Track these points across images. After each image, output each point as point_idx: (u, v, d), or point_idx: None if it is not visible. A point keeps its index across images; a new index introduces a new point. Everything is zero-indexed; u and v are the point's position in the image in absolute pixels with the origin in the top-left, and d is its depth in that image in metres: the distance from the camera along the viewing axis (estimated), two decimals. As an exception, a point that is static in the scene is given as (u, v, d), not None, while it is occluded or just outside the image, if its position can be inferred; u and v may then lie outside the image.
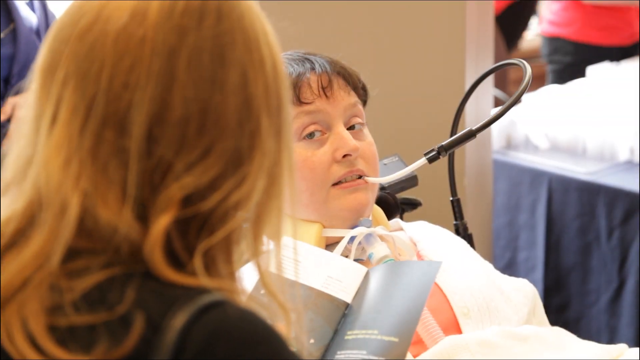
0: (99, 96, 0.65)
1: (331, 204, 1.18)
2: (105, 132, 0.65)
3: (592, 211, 2.20)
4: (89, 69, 0.66)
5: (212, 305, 0.64)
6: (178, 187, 0.65)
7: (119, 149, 0.65)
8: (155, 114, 0.65)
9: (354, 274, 1.05)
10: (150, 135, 0.65)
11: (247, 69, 0.68)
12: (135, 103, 0.65)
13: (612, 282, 2.17)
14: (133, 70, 0.65)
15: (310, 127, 1.18)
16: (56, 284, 0.65)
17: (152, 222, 0.65)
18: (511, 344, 1.09)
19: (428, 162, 1.22)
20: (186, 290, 0.65)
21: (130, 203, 0.65)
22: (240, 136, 0.67)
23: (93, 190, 0.65)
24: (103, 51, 0.66)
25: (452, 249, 1.27)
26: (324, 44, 1.94)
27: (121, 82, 0.65)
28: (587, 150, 2.36)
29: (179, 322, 0.63)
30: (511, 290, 1.24)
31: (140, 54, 0.65)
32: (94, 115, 0.65)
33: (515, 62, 1.28)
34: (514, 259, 2.34)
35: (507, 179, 2.36)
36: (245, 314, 0.65)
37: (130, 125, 0.65)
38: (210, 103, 0.66)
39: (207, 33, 0.66)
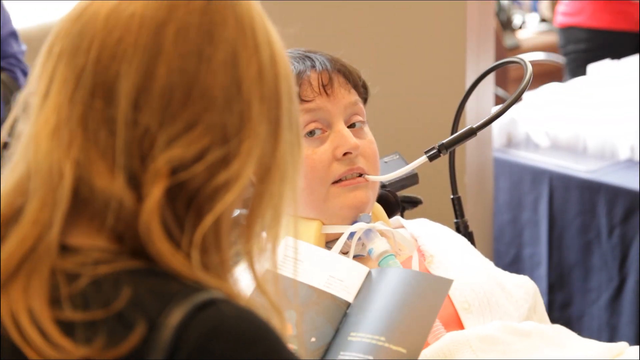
0: (87, 67, 0.67)
1: (331, 202, 1.18)
2: (94, 101, 0.67)
3: (592, 209, 2.20)
4: (79, 45, 0.68)
5: (209, 303, 0.64)
6: (165, 159, 0.66)
7: (107, 118, 0.67)
8: (140, 83, 0.67)
9: (355, 273, 1.05)
10: (136, 104, 0.67)
11: (239, 50, 0.69)
12: (123, 73, 0.67)
13: (613, 280, 2.17)
14: (121, 43, 0.67)
15: (311, 125, 1.18)
16: (54, 277, 0.66)
17: (145, 193, 0.66)
18: (513, 339, 1.09)
19: (429, 160, 1.22)
20: (182, 286, 0.65)
21: (121, 172, 0.67)
22: (228, 114, 0.68)
23: (84, 158, 0.67)
24: (94, 27, 0.68)
25: (453, 245, 1.27)
26: (324, 43, 1.95)
27: (109, 54, 0.67)
28: (588, 148, 2.36)
29: (175, 319, 0.63)
30: (512, 287, 1.24)
31: (129, 28, 0.67)
32: (82, 86, 0.67)
33: (516, 60, 1.28)
34: (519, 255, 2.34)
35: (508, 177, 2.36)
36: (242, 312, 0.65)
37: (118, 95, 0.67)
38: (196, 76, 0.67)
39: (195, 9, 0.68)
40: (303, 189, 1.17)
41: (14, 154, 0.70)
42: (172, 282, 0.66)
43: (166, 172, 0.66)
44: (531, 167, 2.32)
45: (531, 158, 2.35)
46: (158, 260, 0.67)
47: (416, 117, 1.98)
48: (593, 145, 2.35)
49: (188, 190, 0.67)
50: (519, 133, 2.44)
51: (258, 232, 0.71)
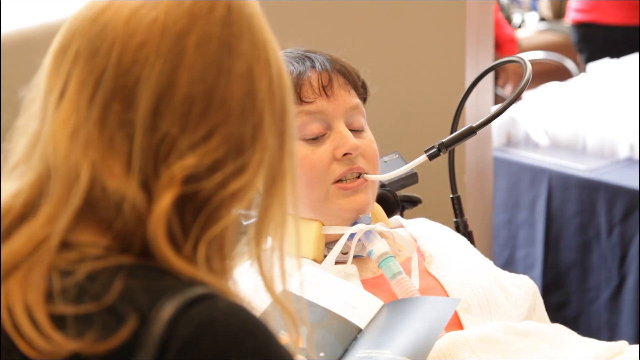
0: (108, 70, 0.68)
1: (331, 204, 1.18)
2: (112, 104, 0.68)
3: (592, 208, 2.20)
4: (99, 47, 0.69)
5: (201, 298, 0.65)
6: (180, 166, 0.67)
7: (125, 121, 0.68)
8: (161, 90, 0.67)
9: (369, 303, 1.07)
10: (156, 110, 0.67)
11: (253, 64, 0.70)
12: (143, 78, 0.67)
13: (612, 279, 2.17)
14: (142, 48, 0.68)
15: (311, 126, 1.18)
16: (50, 272, 0.67)
17: (156, 198, 0.67)
18: (513, 339, 1.09)
19: (428, 159, 1.22)
20: (175, 281, 0.66)
21: (136, 175, 0.67)
22: (243, 125, 0.70)
23: (100, 160, 0.67)
24: (114, 30, 0.69)
25: (453, 245, 1.27)
26: (324, 42, 1.94)
27: (130, 58, 0.68)
28: (587, 147, 2.36)
29: (166, 314, 0.63)
30: (512, 287, 1.24)
31: (151, 34, 0.68)
32: (102, 88, 0.68)
33: (516, 59, 1.27)
34: (512, 257, 2.34)
35: (507, 176, 2.36)
36: (233, 308, 0.66)
37: (137, 99, 0.67)
38: (216, 87, 0.69)
39: (216, 21, 0.69)
40: (303, 189, 1.18)
41: (26, 150, 0.71)
42: (166, 278, 0.67)
43: (180, 180, 0.67)
44: (530, 166, 2.32)
45: (531, 157, 2.35)
46: (160, 261, 0.67)
47: (416, 117, 1.98)
48: (592, 144, 2.35)
49: (198, 198, 0.68)
50: (519, 132, 2.44)
51: (266, 239, 0.72)
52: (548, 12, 4.65)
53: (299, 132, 1.18)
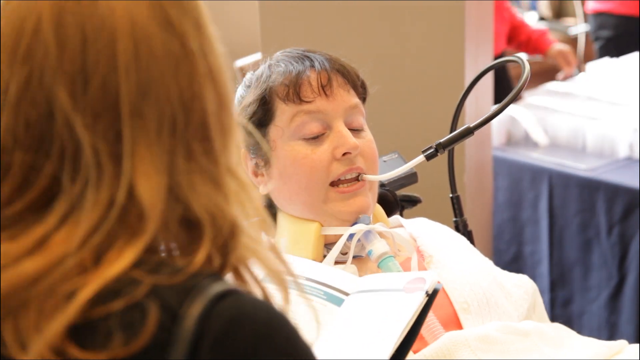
0: (178, 116, 0.67)
1: (330, 206, 1.18)
2: (193, 145, 0.68)
3: (592, 207, 2.20)
4: (157, 95, 0.67)
5: (226, 293, 0.65)
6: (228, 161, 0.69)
7: (207, 152, 0.69)
8: (214, 112, 0.69)
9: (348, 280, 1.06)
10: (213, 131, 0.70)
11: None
12: (206, 109, 0.69)
13: (612, 278, 2.17)
14: (192, 81, 0.68)
15: (311, 126, 1.18)
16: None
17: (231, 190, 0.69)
18: (512, 339, 1.09)
19: (426, 159, 1.22)
20: (197, 278, 0.66)
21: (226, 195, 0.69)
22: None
23: (206, 199, 0.68)
24: (162, 75, 0.67)
25: (452, 245, 1.26)
26: (323, 42, 1.95)
27: (190, 95, 0.68)
28: (587, 146, 2.35)
29: (196, 309, 0.64)
30: (511, 286, 1.24)
31: (191, 64, 0.68)
32: (180, 136, 0.68)
33: (514, 59, 1.27)
34: (520, 253, 2.34)
35: (507, 175, 2.35)
36: (257, 302, 0.67)
37: (209, 128, 0.69)
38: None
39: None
40: (302, 189, 1.17)
41: None
42: (187, 275, 0.66)
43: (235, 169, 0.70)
44: (530, 166, 2.32)
45: (530, 156, 2.34)
46: (178, 255, 0.68)
47: (415, 116, 1.97)
48: (592, 143, 2.34)
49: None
50: (518, 131, 2.44)
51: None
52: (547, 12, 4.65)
53: (298, 132, 1.18)
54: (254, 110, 1.20)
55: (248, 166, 1.24)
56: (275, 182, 1.21)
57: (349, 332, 0.99)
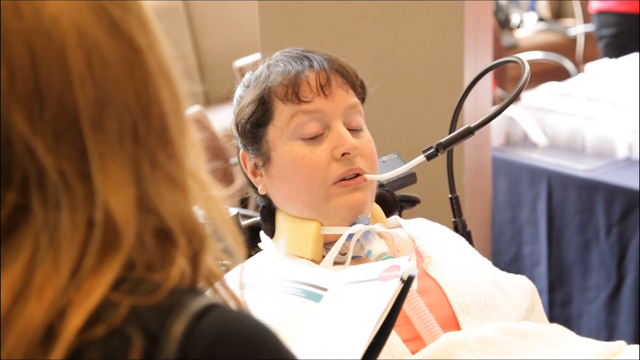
0: (140, 125, 0.64)
1: (330, 202, 1.17)
2: (156, 154, 0.65)
3: (591, 208, 2.20)
4: (116, 103, 0.64)
5: (207, 310, 0.63)
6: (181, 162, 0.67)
7: (169, 158, 0.66)
8: (168, 114, 0.66)
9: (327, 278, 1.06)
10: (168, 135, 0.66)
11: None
12: (165, 113, 0.66)
13: (611, 279, 2.17)
14: (146, 88, 0.64)
15: (309, 126, 1.18)
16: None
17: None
18: (510, 340, 1.09)
19: (426, 160, 1.22)
20: (175, 295, 0.64)
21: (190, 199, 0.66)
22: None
23: (174, 206, 0.66)
24: (119, 82, 0.64)
25: (451, 245, 1.26)
26: (322, 42, 1.95)
27: (146, 101, 0.64)
28: (586, 147, 2.35)
29: (177, 330, 0.61)
30: (510, 287, 1.24)
31: (143, 69, 0.65)
32: (143, 144, 0.65)
33: (514, 59, 1.27)
34: (519, 253, 2.34)
35: (506, 176, 2.35)
36: (240, 316, 0.65)
37: (171, 137, 0.66)
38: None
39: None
40: (302, 189, 1.17)
41: None
42: (167, 292, 0.64)
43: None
44: (529, 166, 2.31)
45: (529, 157, 2.34)
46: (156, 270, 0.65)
47: (414, 117, 1.97)
48: (591, 144, 2.34)
49: None
50: (517, 132, 2.44)
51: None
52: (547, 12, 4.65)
53: (297, 132, 1.18)
54: (253, 110, 1.20)
55: (247, 166, 1.24)
56: (274, 182, 1.20)
57: (326, 326, 0.99)
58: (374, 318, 0.92)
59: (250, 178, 1.24)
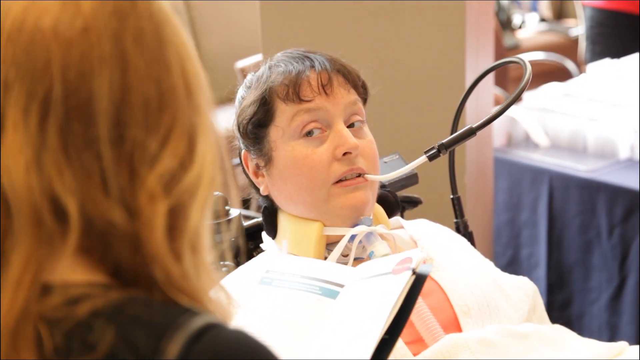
0: (55, 91, 0.63)
1: (331, 202, 1.17)
2: (71, 126, 0.63)
3: (592, 209, 2.19)
4: (33, 67, 0.63)
5: (203, 331, 0.62)
6: (155, 177, 0.64)
7: (89, 140, 0.63)
8: (117, 98, 0.64)
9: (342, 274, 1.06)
10: (118, 120, 0.64)
11: (180, 49, 0.68)
12: (95, 90, 0.63)
13: (613, 280, 2.17)
14: (84, 59, 0.63)
15: (310, 125, 1.17)
16: (37, 326, 0.61)
17: (145, 216, 0.64)
18: (511, 342, 1.09)
19: (428, 160, 1.22)
20: (172, 315, 0.63)
21: (114, 193, 0.64)
22: (189, 113, 0.67)
23: (78, 187, 0.63)
24: (45, 46, 0.63)
25: (453, 246, 1.26)
26: (324, 43, 1.95)
27: (76, 73, 0.63)
28: (588, 148, 2.35)
29: (172, 354, 0.60)
30: (511, 288, 1.24)
31: (88, 42, 0.64)
32: (53, 112, 0.63)
33: (516, 59, 1.27)
34: (516, 256, 2.34)
35: (507, 176, 2.35)
36: (237, 336, 0.63)
37: (95, 113, 0.63)
38: (162, 81, 0.66)
39: (143, 14, 0.66)
40: (303, 189, 1.17)
41: None
42: (161, 312, 0.63)
43: (160, 191, 0.64)
44: (531, 167, 2.31)
45: (531, 158, 2.34)
46: (165, 284, 0.64)
47: (416, 117, 1.97)
48: (593, 144, 2.34)
49: (174, 202, 0.66)
50: (519, 133, 2.43)
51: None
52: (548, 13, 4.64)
53: (299, 132, 1.18)
54: (255, 111, 1.19)
55: (249, 167, 1.23)
56: (276, 183, 1.20)
57: (338, 323, 0.98)
58: (385, 312, 0.92)
59: (252, 179, 1.24)
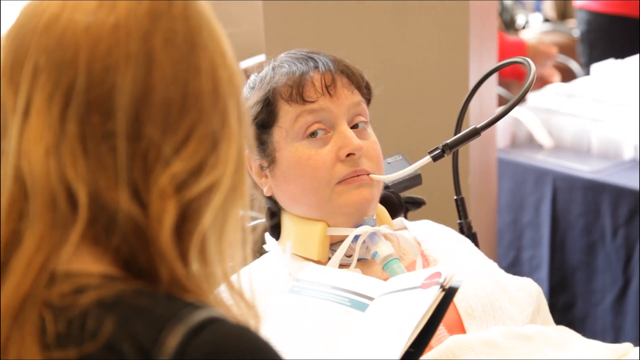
0: (78, 82, 0.65)
1: (335, 201, 1.17)
2: (91, 117, 0.65)
3: (596, 210, 2.19)
4: (62, 58, 0.65)
5: (204, 325, 0.62)
6: (168, 177, 0.65)
7: (107, 133, 0.65)
8: (138, 95, 0.65)
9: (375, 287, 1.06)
10: (136, 117, 0.65)
11: (214, 56, 0.69)
12: (118, 86, 0.65)
13: (617, 281, 2.16)
14: (111, 54, 0.65)
15: (314, 126, 1.17)
16: (42, 311, 0.63)
17: (155, 213, 0.65)
18: (515, 343, 1.09)
19: (432, 160, 1.21)
20: (175, 307, 0.63)
21: (125, 188, 0.65)
22: (214, 119, 0.68)
23: (91, 177, 0.65)
24: (75, 39, 0.66)
25: (456, 248, 1.26)
26: (327, 43, 1.94)
27: (101, 67, 0.65)
28: (592, 148, 2.34)
29: (170, 347, 0.61)
30: (515, 290, 1.23)
31: (116, 38, 0.65)
32: (75, 101, 0.65)
33: (520, 60, 1.27)
34: (518, 258, 2.33)
35: (511, 177, 2.34)
36: (238, 331, 0.64)
37: (115, 108, 0.65)
38: (188, 84, 0.67)
39: (177, 17, 0.67)
40: (307, 190, 1.17)
41: None
42: (164, 304, 0.64)
43: (172, 191, 0.65)
44: (535, 168, 2.30)
45: (535, 158, 2.33)
46: (168, 281, 0.65)
47: (419, 118, 1.97)
48: (597, 145, 2.33)
49: (186, 203, 0.67)
50: (523, 133, 2.43)
51: (229, 230, 0.70)
52: (552, 13, 4.63)
53: (302, 133, 1.17)
54: (258, 112, 1.19)
55: (252, 167, 1.23)
56: (279, 183, 1.20)
57: (366, 333, 0.98)
58: (412, 325, 0.92)
59: (256, 179, 1.23)
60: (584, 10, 3.14)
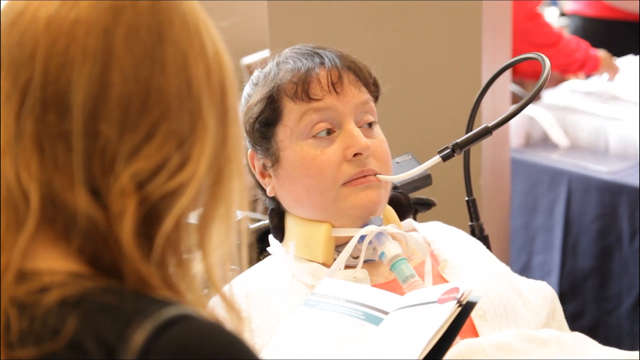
0: (34, 80, 0.65)
1: (341, 203, 1.15)
2: (46, 116, 0.65)
3: (613, 212, 2.17)
4: (20, 56, 0.65)
5: (172, 322, 0.62)
6: (129, 175, 0.65)
7: (62, 132, 0.65)
8: (95, 92, 0.65)
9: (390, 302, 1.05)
10: (93, 115, 0.65)
11: (187, 50, 0.68)
12: (74, 83, 0.65)
13: (634, 286, 2.14)
14: (68, 51, 0.65)
15: (320, 125, 1.16)
16: (7, 309, 0.64)
17: (115, 211, 0.65)
18: (530, 347, 1.07)
19: (442, 160, 1.20)
20: (143, 304, 0.63)
21: (82, 187, 0.65)
22: (182, 118, 0.67)
23: (46, 176, 0.65)
24: (35, 36, 0.66)
25: (467, 250, 1.25)
26: (333, 39, 1.93)
27: (57, 63, 0.65)
28: (609, 148, 2.32)
29: (137, 342, 0.60)
30: (529, 293, 1.22)
31: (74, 34, 0.65)
32: (31, 100, 0.65)
33: (534, 56, 1.25)
34: (529, 263, 2.33)
35: (524, 178, 2.34)
36: (208, 328, 0.63)
37: (71, 106, 0.64)
38: (151, 80, 0.66)
39: (142, 11, 0.67)
40: (312, 191, 1.15)
41: None
42: (132, 301, 0.63)
43: (133, 189, 0.65)
44: (549, 168, 2.29)
45: (550, 158, 2.32)
46: (134, 279, 0.65)
47: (429, 116, 1.96)
48: (614, 144, 2.31)
49: (149, 202, 0.66)
50: (537, 132, 2.42)
51: (212, 232, 0.70)
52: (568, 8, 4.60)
53: (307, 131, 1.16)
54: (262, 109, 1.18)
55: (255, 167, 1.22)
56: (283, 184, 1.18)
57: (380, 347, 0.98)
58: (425, 340, 0.91)
59: (259, 179, 1.22)
60: (576, 16, 3.15)
